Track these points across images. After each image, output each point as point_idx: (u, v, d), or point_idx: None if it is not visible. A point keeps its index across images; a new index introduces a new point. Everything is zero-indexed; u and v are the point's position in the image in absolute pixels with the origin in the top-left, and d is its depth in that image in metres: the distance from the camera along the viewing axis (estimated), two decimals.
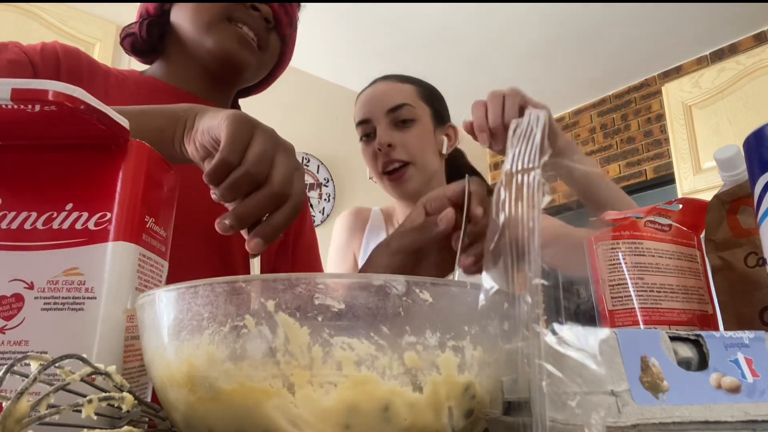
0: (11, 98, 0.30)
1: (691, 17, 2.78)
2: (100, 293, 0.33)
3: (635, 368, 0.22)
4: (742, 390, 0.23)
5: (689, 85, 2.71)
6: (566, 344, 0.21)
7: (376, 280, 0.24)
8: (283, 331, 0.23)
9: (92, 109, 0.32)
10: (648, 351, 0.23)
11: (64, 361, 0.26)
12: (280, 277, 0.24)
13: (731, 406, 0.22)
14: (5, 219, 0.34)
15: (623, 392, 0.21)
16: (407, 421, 0.24)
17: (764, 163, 0.37)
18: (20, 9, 2.20)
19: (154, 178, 0.38)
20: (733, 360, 0.23)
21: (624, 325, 0.49)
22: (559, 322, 0.21)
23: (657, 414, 0.21)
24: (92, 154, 0.36)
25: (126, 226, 0.35)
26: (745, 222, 0.47)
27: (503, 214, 0.22)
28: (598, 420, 0.20)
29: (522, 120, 0.24)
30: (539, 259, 0.21)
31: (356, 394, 0.23)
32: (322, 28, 2.85)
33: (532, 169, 0.22)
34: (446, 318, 0.25)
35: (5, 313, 0.32)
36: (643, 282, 0.50)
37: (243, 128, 0.41)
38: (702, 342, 0.24)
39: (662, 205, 0.54)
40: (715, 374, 0.23)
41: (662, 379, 0.22)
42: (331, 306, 0.23)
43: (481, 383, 0.26)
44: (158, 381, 0.28)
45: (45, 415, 0.24)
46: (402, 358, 0.24)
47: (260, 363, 0.23)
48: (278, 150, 0.42)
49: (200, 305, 0.25)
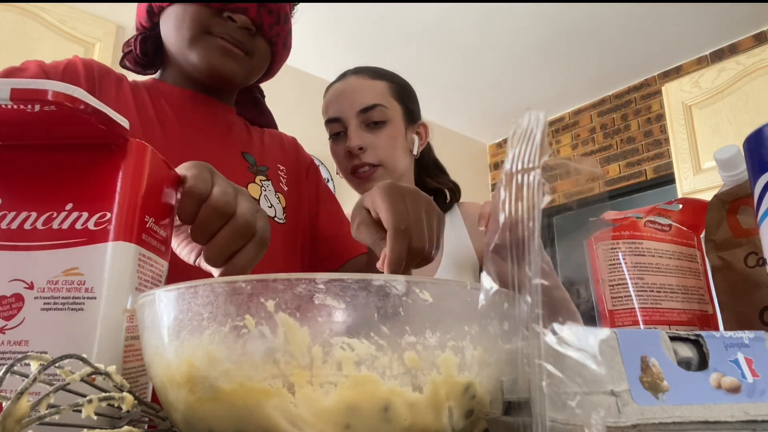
0: (10, 98, 0.30)
1: (691, 17, 2.78)
2: (100, 293, 0.33)
3: (635, 368, 0.22)
4: (742, 390, 0.23)
5: (689, 85, 2.71)
6: (566, 344, 0.21)
7: (376, 280, 0.24)
8: (283, 331, 0.23)
9: (92, 109, 0.32)
10: (648, 351, 0.23)
11: (64, 361, 0.26)
12: (280, 276, 0.24)
13: (731, 406, 0.22)
14: (5, 219, 0.34)
15: (623, 392, 0.21)
16: (407, 421, 0.24)
17: (764, 163, 0.37)
18: (20, 9, 2.20)
19: (154, 178, 0.38)
20: (733, 360, 0.24)
21: (624, 325, 0.49)
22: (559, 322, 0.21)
23: (657, 414, 0.21)
24: (92, 154, 0.36)
25: (126, 226, 0.35)
26: (745, 222, 0.47)
27: (503, 214, 0.22)
28: (598, 420, 0.20)
29: (522, 120, 0.24)
30: (539, 259, 0.21)
31: (356, 394, 0.23)
32: (321, 28, 2.85)
33: (532, 169, 0.22)
34: (446, 318, 0.25)
35: (5, 313, 0.32)
36: (643, 282, 0.50)
37: (204, 170, 0.43)
38: (702, 342, 0.24)
39: (662, 205, 0.54)
40: (715, 374, 0.23)
41: (662, 379, 0.22)
42: (331, 306, 0.23)
43: (481, 383, 0.26)
44: (158, 381, 0.28)
45: (45, 415, 0.24)
46: (402, 358, 0.24)
47: (260, 363, 0.23)
48: (238, 191, 0.45)
49: (200, 305, 0.25)
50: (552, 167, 0.22)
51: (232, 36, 0.69)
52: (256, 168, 0.78)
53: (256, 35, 0.72)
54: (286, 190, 0.81)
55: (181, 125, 0.72)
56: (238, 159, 0.76)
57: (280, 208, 0.78)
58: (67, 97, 0.31)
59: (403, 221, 0.47)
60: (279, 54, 0.78)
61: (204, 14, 0.68)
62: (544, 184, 0.22)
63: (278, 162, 0.82)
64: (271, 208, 0.76)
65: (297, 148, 0.91)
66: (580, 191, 0.30)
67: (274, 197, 0.78)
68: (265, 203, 0.75)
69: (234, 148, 0.77)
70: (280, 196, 0.79)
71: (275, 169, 0.81)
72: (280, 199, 0.79)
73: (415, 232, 0.47)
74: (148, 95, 0.73)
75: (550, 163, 0.22)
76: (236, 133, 0.79)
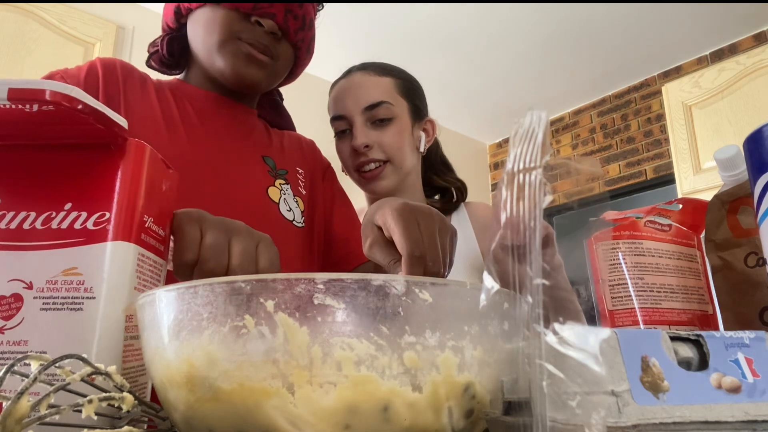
0: (8, 98, 0.30)
1: (691, 17, 2.78)
2: (99, 293, 0.33)
3: (636, 368, 0.22)
4: (742, 390, 0.22)
5: (689, 85, 2.71)
6: (567, 344, 0.21)
7: (376, 280, 0.24)
8: (283, 331, 0.23)
9: (90, 109, 0.32)
10: (648, 351, 0.23)
11: (64, 361, 0.26)
12: (279, 277, 0.24)
13: (732, 406, 0.22)
14: (4, 219, 0.34)
15: (624, 392, 0.21)
16: (407, 421, 0.24)
17: (764, 163, 0.37)
18: (20, 9, 2.20)
19: (153, 177, 0.38)
20: (734, 360, 0.23)
21: (624, 325, 0.49)
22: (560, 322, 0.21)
23: (658, 414, 0.21)
24: (91, 154, 0.36)
25: (125, 226, 0.35)
26: (745, 222, 0.47)
27: (504, 213, 0.22)
28: (598, 420, 0.20)
29: (524, 120, 0.24)
30: (540, 259, 0.21)
31: (356, 394, 0.23)
32: (321, 28, 2.84)
33: (533, 168, 0.22)
34: (446, 318, 0.25)
35: (4, 313, 0.32)
36: (643, 282, 0.50)
37: (191, 227, 0.43)
38: (702, 342, 0.24)
39: (662, 205, 0.54)
40: (715, 374, 0.23)
41: (663, 379, 0.22)
42: (330, 306, 0.23)
43: (481, 383, 0.26)
44: (158, 381, 0.28)
45: (45, 415, 0.24)
46: (401, 358, 0.24)
47: (260, 363, 0.23)
48: (232, 236, 0.44)
49: (200, 305, 0.25)
50: (553, 167, 0.22)
51: (259, 41, 0.70)
52: (276, 171, 0.78)
53: (281, 40, 0.73)
54: (304, 193, 0.81)
55: (204, 128, 0.73)
56: (259, 162, 0.77)
57: (299, 212, 0.78)
58: (64, 96, 0.31)
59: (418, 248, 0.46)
60: (302, 59, 0.79)
61: (232, 19, 0.69)
62: (545, 184, 0.22)
63: (297, 165, 0.83)
64: (290, 212, 0.76)
65: (315, 150, 0.91)
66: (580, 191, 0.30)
67: (293, 201, 0.78)
68: (284, 207, 0.76)
69: (255, 152, 0.77)
70: (298, 200, 0.79)
71: (294, 173, 0.81)
72: (299, 203, 0.79)
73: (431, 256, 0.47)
74: (172, 96, 0.74)
75: (551, 163, 0.22)
76: (257, 136, 0.80)
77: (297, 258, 0.76)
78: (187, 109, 0.73)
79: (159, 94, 0.73)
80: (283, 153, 0.82)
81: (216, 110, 0.75)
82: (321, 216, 0.84)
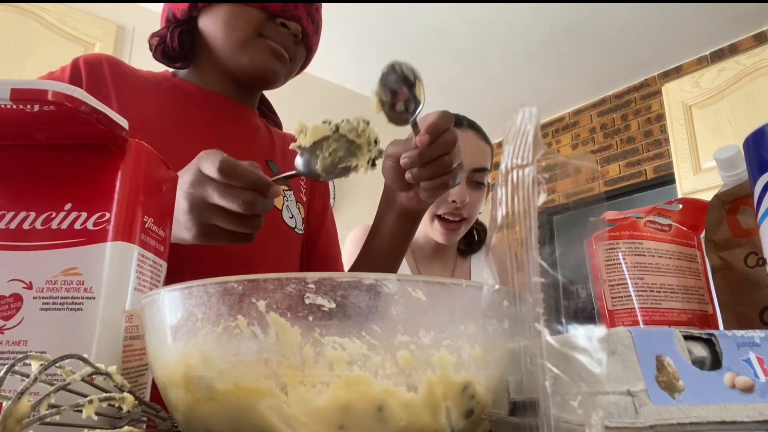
0: (10, 98, 0.30)
1: (691, 17, 2.78)
2: (99, 293, 0.33)
3: (651, 368, 0.22)
4: (755, 390, 0.22)
5: (689, 85, 2.71)
6: (568, 344, 0.21)
7: (367, 278, 0.24)
8: (274, 331, 0.23)
9: (91, 109, 0.32)
10: (663, 350, 0.22)
11: (64, 361, 0.26)
12: (271, 276, 0.24)
13: (746, 406, 0.22)
14: (4, 219, 0.34)
15: (640, 392, 0.21)
16: (403, 422, 0.24)
17: (764, 163, 0.37)
18: (20, 9, 2.20)
19: (153, 178, 0.38)
20: (746, 359, 0.23)
21: (624, 326, 0.49)
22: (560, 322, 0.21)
23: (674, 414, 0.21)
24: (91, 154, 0.36)
25: (125, 226, 0.35)
26: (745, 222, 0.47)
27: (500, 211, 0.22)
28: (597, 420, 0.20)
29: (516, 117, 0.24)
30: (538, 257, 0.21)
31: (349, 394, 0.23)
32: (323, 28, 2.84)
33: (526, 165, 0.22)
34: (440, 316, 0.25)
35: (4, 313, 0.32)
36: (643, 282, 0.50)
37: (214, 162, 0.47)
38: (715, 341, 0.24)
39: (662, 205, 0.54)
40: (728, 374, 0.23)
41: (678, 378, 0.22)
42: (321, 305, 0.23)
43: (480, 383, 0.25)
44: (160, 381, 0.28)
45: (46, 416, 0.24)
46: (395, 357, 0.23)
47: (253, 363, 0.23)
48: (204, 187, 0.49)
49: (194, 306, 0.25)
50: (552, 167, 0.22)
51: (282, 41, 0.71)
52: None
53: (299, 42, 0.74)
54: (305, 200, 0.81)
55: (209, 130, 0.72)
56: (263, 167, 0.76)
57: (300, 219, 0.78)
58: (66, 96, 0.31)
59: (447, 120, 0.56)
60: (309, 61, 0.81)
61: (258, 18, 0.69)
62: (540, 182, 0.22)
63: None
64: (292, 218, 0.76)
65: None
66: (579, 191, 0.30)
67: (295, 207, 0.78)
68: (287, 214, 0.76)
69: (259, 156, 0.77)
70: (300, 207, 0.79)
71: (296, 179, 0.81)
72: (300, 209, 0.79)
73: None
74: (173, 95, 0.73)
75: (548, 162, 0.22)
76: (261, 139, 0.80)
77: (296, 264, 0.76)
78: (192, 109, 0.72)
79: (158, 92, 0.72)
80: (285, 158, 0.81)
81: (221, 112, 0.75)
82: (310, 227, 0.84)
